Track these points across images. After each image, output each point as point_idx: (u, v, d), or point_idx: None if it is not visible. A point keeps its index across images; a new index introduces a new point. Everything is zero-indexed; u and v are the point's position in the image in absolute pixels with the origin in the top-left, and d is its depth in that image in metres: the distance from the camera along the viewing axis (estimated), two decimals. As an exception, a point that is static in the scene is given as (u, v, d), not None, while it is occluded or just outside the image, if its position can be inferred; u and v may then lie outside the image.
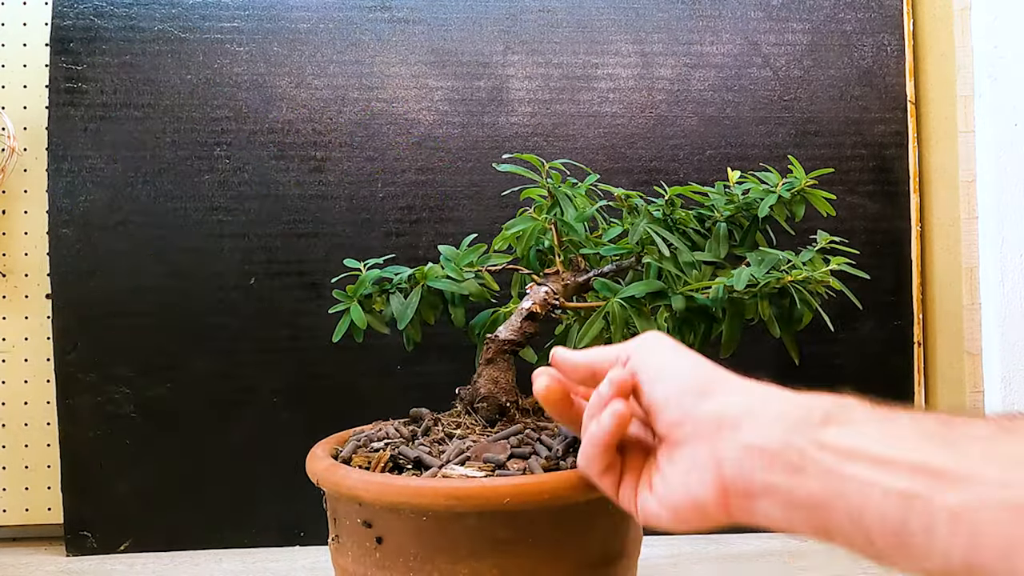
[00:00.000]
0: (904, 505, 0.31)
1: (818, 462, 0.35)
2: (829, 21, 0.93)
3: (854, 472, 0.33)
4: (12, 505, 0.90)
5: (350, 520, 0.53)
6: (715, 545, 0.87)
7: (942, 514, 0.30)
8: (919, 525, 0.31)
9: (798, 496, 0.35)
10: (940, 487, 0.31)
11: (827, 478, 0.34)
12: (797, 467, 0.35)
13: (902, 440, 0.33)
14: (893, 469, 0.32)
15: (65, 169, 0.86)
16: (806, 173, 0.66)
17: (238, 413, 0.88)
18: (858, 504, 0.33)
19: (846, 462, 0.34)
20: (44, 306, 0.89)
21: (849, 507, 0.33)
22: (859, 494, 0.33)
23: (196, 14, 0.88)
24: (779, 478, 0.36)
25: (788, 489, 0.36)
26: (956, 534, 0.30)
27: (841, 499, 0.34)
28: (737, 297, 0.62)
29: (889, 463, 0.32)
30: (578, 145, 0.90)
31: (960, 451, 0.31)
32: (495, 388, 0.61)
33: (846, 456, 0.34)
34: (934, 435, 0.33)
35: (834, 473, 0.34)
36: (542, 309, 0.62)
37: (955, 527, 0.30)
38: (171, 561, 0.84)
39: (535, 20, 0.91)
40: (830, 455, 0.34)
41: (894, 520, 0.32)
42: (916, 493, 0.31)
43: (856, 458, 0.33)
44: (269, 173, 0.88)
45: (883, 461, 0.33)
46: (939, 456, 0.31)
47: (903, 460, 0.32)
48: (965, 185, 0.88)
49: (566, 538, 0.52)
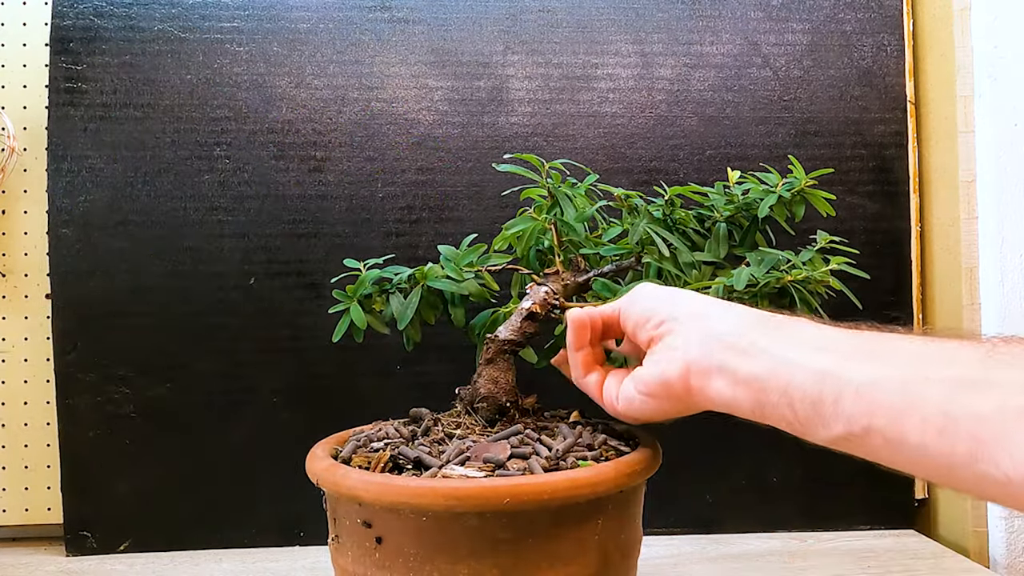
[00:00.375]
0: (820, 379, 0.41)
1: (763, 349, 0.44)
2: (829, 21, 0.93)
3: (786, 355, 0.43)
4: (12, 505, 0.90)
5: (350, 520, 0.53)
6: (715, 545, 0.87)
7: (849, 387, 0.39)
8: (830, 395, 0.40)
9: (743, 374, 0.45)
10: (849, 367, 0.40)
11: (767, 359, 0.44)
12: (747, 352, 0.45)
13: (830, 339, 0.43)
14: (817, 354, 0.42)
15: (65, 169, 0.86)
16: (806, 173, 0.66)
17: (238, 413, 0.88)
18: (786, 379, 0.42)
19: (783, 348, 0.44)
20: (44, 306, 0.89)
21: (780, 382, 0.43)
22: (788, 372, 0.42)
23: (196, 14, 0.88)
24: (731, 359, 0.46)
25: (736, 367, 0.45)
26: (858, 403, 0.39)
27: (774, 376, 0.43)
28: (737, 297, 0.62)
29: (816, 349, 0.42)
30: (578, 145, 0.90)
31: (873, 345, 0.41)
32: (495, 388, 0.61)
33: (784, 344, 0.44)
34: (858, 337, 0.42)
35: (773, 356, 0.44)
36: (542, 309, 0.62)
37: (857, 397, 0.39)
38: (171, 561, 0.84)
39: (535, 20, 0.91)
40: (773, 344, 0.44)
41: (812, 391, 0.41)
42: (830, 371, 0.40)
43: (791, 346, 0.43)
44: (269, 173, 0.88)
45: (811, 347, 0.42)
46: (857, 346, 0.41)
47: (825, 348, 0.42)
48: (965, 185, 0.88)
49: (566, 538, 0.52)
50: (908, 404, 0.37)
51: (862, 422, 0.38)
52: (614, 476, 0.53)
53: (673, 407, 0.51)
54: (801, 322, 0.46)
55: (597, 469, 0.52)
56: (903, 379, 0.37)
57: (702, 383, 0.47)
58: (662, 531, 0.90)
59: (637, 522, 0.59)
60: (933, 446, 0.35)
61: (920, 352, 0.38)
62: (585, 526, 0.53)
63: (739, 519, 0.91)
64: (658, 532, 0.90)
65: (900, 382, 0.37)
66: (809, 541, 0.88)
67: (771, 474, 0.90)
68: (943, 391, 0.36)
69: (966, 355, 0.36)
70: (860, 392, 0.39)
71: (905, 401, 0.37)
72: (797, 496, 0.90)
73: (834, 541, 0.87)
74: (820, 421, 0.41)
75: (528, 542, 0.50)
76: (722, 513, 0.91)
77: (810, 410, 0.41)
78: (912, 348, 0.39)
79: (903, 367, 0.38)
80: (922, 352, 0.38)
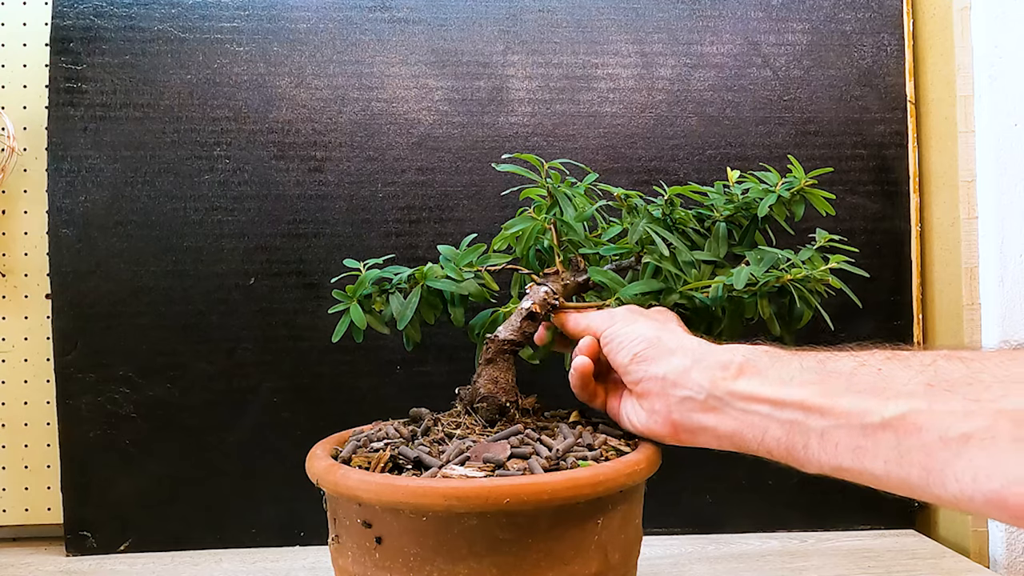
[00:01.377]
0: (789, 429, 0.46)
1: (733, 406, 0.50)
2: (829, 21, 0.93)
3: (756, 410, 0.48)
4: (12, 505, 0.90)
5: (350, 520, 0.53)
6: (715, 545, 0.87)
7: (813, 434, 0.45)
8: (800, 442, 0.46)
9: (722, 430, 0.51)
10: (811, 416, 0.45)
11: (740, 416, 0.49)
12: (719, 411, 0.51)
13: (788, 383, 0.47)
14: (781, 407, 0.47)
15: (65, 169, 0.86)
16: (806, 173, 0.66)
17: (238, 413, 0.88)
18: (761, 431, 0.48)
19: (751, 404, 0.49)
20: (44, 306, 0.89)
21: (755, 434, 0.49)
22: (761, 426, 0.48)
23: (196, 14, 0.88)
24: (708, 419, 0.51)
25: (715, 426, 0.51)
26: (823, 447, 0.44)
27: (750, 429, 0.49)
28: (737, 296, 0.62)
29: (779, 403, 0.47)
30: (578, 145, 0.90)
31: (826, 387, 0.45)
32: (495, 388, 0.61)
33: (750, 400, 0.49)
34: (811, 374, 0.46)
35: (744, 412, 0.49)
36: (542, 309, 0.62)
37: (823, 442, 0.44)
38: (171, 561, 0.84)
39: (535, 20, 0.91)
40: (740, 401, 0.49)
41: (784, 440, 0.47)
42: (796, 421, 0.46)
43: (757, 401, 0.48)
44: (269, 173, 0.88)
45: (775, 402, 0.47)
46: (812, 393, 0.45)
47: (788, 399, 0.46)
48: (965, 185, 0.88)
49: (566, 538, 0.52)
50: (864, 445, 0.42)
51: (832, 463, 0.44)
52: (614, 476, 0.53)
53: (671, 442, 0.56)
54: (760, 362, 0.50)
55: (597, 469, 0.52)
56: (859, 422, 0.42)
57: (690, 438, 0.54)
58: (662, 531, 0.90)
59: (637, 522, 0.59)
60: (895, 475, 0.40)
61: (872, 386, 0.42)
62: (585, 526, 0.53)
63: (739, 519, 0.91)
64: (658, 532, 0.90)
65: (857, 426, 0.42)
66: (809, 541, 0.88)
67: (771, 474, 0.90)
68: (893, 431, 0.40)
69: (913, 385, 0.41)
70: (824, 437, 0.44)
71: (862, 442, 0.42)
72: (797, 496, 0.90)
73: (834, 541, 0.87)
74: (799, 463, 0.46)
75: (528, 542, 0.50)
76: (722, 513, 0.91)
77: (788, 455, 0.47)
78: (865, 382, 0.43)
79: (857, 405, 0.42)
80: (874, 386, 0.42)
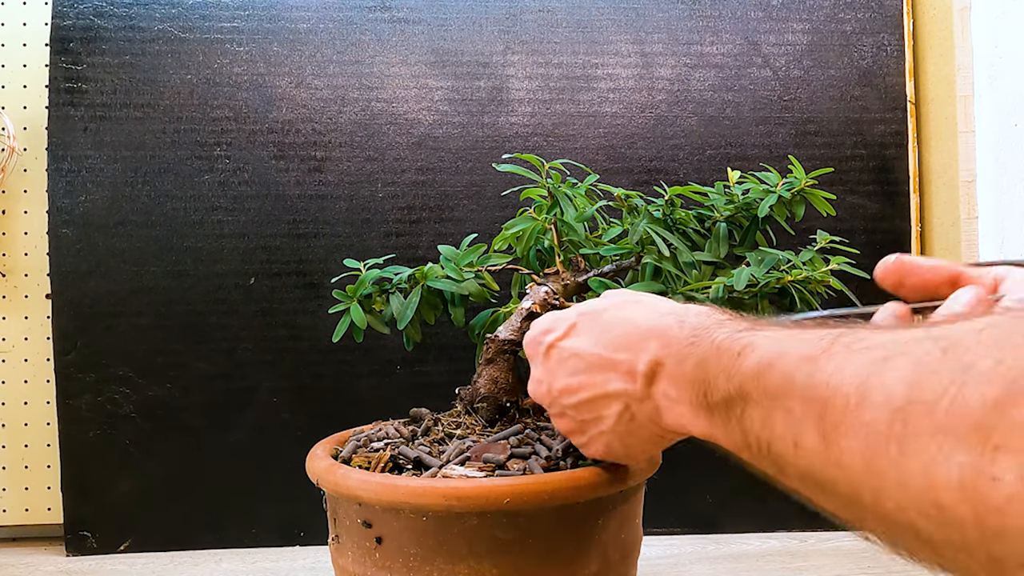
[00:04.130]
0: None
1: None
2: (829, 21, 0.93)
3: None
4: (12, 505, 0.90)
5: (350, 520, 0.53)
6: (715, 545, 0.87)
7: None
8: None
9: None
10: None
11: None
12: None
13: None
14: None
15: (65, 169, 0.86)
16: (806, 173, 0.66)
17: (238, 413, 0.88)
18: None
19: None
20: (44, 306, 0.89)
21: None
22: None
23: (196, 14, 0.88)
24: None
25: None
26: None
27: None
28: (737, 297, 0.62)
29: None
30: (578, 145, 0.90)
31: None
32: (495, 388, 0.61)
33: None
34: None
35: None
36: (542, 309, 0.62)
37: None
38: (171, 561, 0.84)
39: (535, 20, 0.91)
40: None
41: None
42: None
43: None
44: (269, 173, 0.88)
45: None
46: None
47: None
48: (965, 185, 0.88)
49: (566, 538, 0.52)
50: None
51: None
52: (614, 476, 0.53)
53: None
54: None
55: (597, 469, 0.52)
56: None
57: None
58: (662, 531, 0.90)
59: (637, 522, 0.59)
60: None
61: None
62: (585, 526, 0.53)
63: (739, 519, 0.91)
64: (658, 532, 0.90)
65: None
66: (809, 541, 0.88)
67: (771, 474, 0.90)
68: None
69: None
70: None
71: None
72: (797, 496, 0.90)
73: (834, 541, 0.87)
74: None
75: (528, 542, 0.50)
76: (722, 513, 0.91)
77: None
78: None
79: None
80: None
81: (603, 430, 0.49)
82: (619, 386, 0.46)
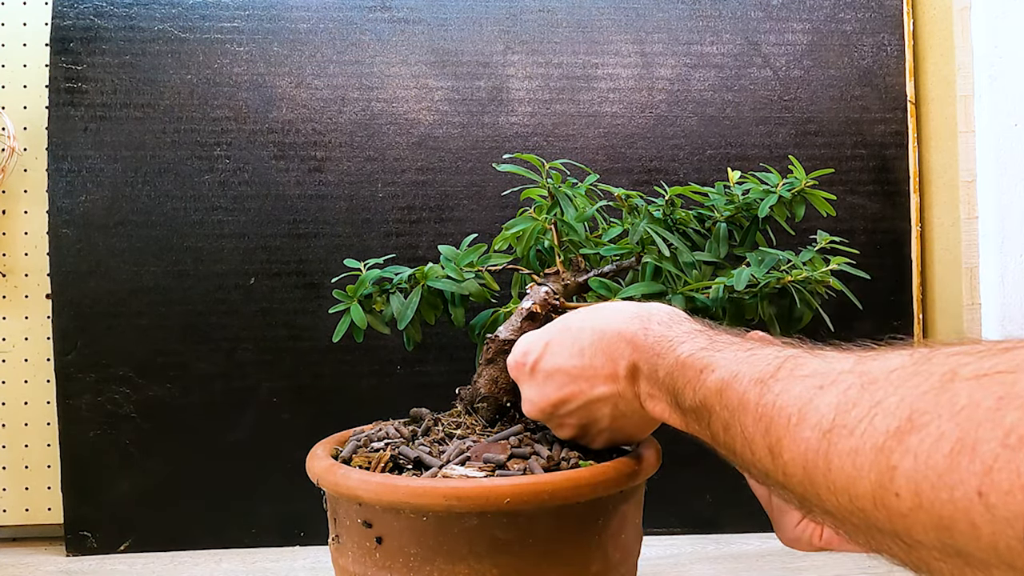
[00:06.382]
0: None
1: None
2: (829, 21, 0.93)
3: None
4: (12, 505, 0.90)
5: (350, 520, 0.53)
6: (715, 545, 0.87)
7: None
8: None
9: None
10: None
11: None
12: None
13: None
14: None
15: (65, 169, 0.86)
16: (806, 173, 0.66)
17: (238, 413, 0.88)
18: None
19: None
20: (44, 306, 0.89)
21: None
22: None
23: (196, 14, 0.88)
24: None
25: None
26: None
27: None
28: (737, 297, 0.62)
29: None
30: (578, 145, 0.90)
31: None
32: (495, 388, 0.61)
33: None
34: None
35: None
36: (542, 309, 0.62)
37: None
38: (171, 561, 0.84)
39: (535, 20, 0.91)
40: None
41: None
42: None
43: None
44: (269, 173, 0.88)
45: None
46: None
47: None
48: (965, 185, 0.88)
49: (566, 538, 0.52)
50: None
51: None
52: (614, 476, 0.53)
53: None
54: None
55: (597, 469, 0.52)
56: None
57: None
58: (662, 531, 0.90)
59: (637, 522, 0.59)
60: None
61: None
62: (585, 526, 0.53)
63: (739, 519, 0.91)
64: (658, 532, 0.90)
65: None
66: (809, 541, 0.88)
67: (771, 474, 0.90)
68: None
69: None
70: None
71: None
72: (797, 496, 0.90)
73: (834, 541, 0.87)
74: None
75: (528, 542, 0.50)
76: (722, 513, 0.91)
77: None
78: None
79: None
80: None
81: (602, 428, 0.54)
82: (604, 390, 0.51)
